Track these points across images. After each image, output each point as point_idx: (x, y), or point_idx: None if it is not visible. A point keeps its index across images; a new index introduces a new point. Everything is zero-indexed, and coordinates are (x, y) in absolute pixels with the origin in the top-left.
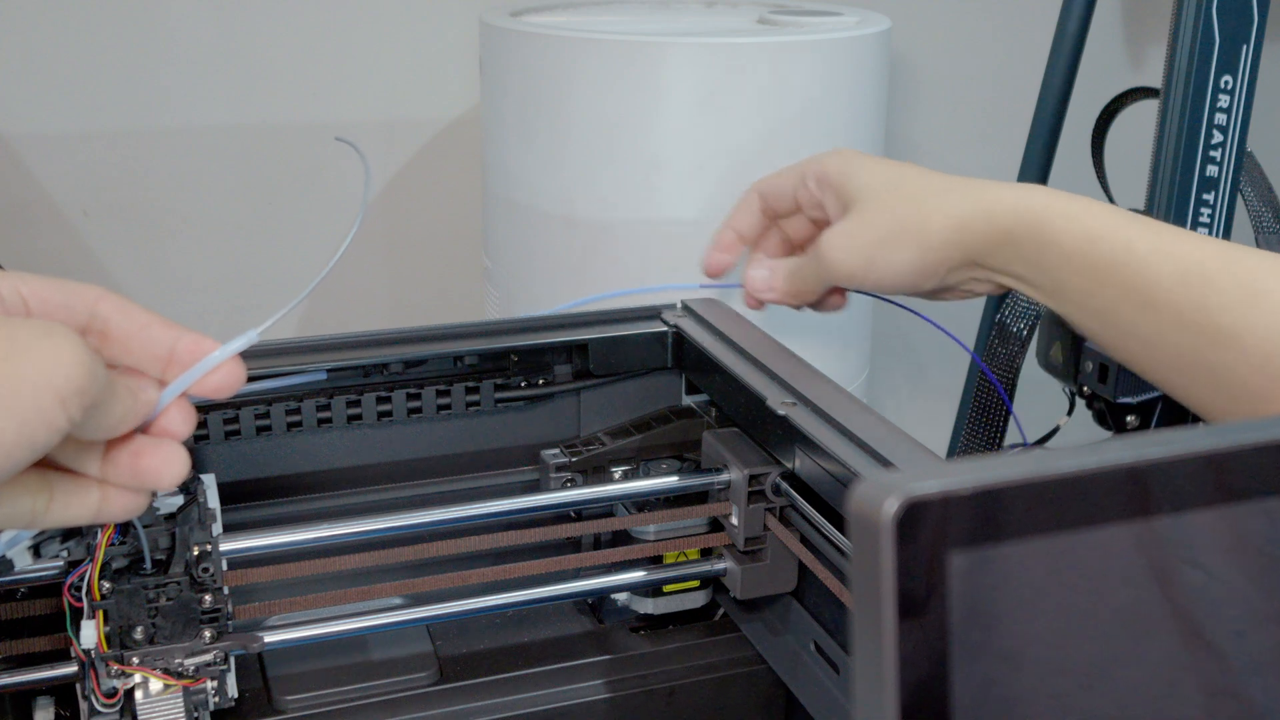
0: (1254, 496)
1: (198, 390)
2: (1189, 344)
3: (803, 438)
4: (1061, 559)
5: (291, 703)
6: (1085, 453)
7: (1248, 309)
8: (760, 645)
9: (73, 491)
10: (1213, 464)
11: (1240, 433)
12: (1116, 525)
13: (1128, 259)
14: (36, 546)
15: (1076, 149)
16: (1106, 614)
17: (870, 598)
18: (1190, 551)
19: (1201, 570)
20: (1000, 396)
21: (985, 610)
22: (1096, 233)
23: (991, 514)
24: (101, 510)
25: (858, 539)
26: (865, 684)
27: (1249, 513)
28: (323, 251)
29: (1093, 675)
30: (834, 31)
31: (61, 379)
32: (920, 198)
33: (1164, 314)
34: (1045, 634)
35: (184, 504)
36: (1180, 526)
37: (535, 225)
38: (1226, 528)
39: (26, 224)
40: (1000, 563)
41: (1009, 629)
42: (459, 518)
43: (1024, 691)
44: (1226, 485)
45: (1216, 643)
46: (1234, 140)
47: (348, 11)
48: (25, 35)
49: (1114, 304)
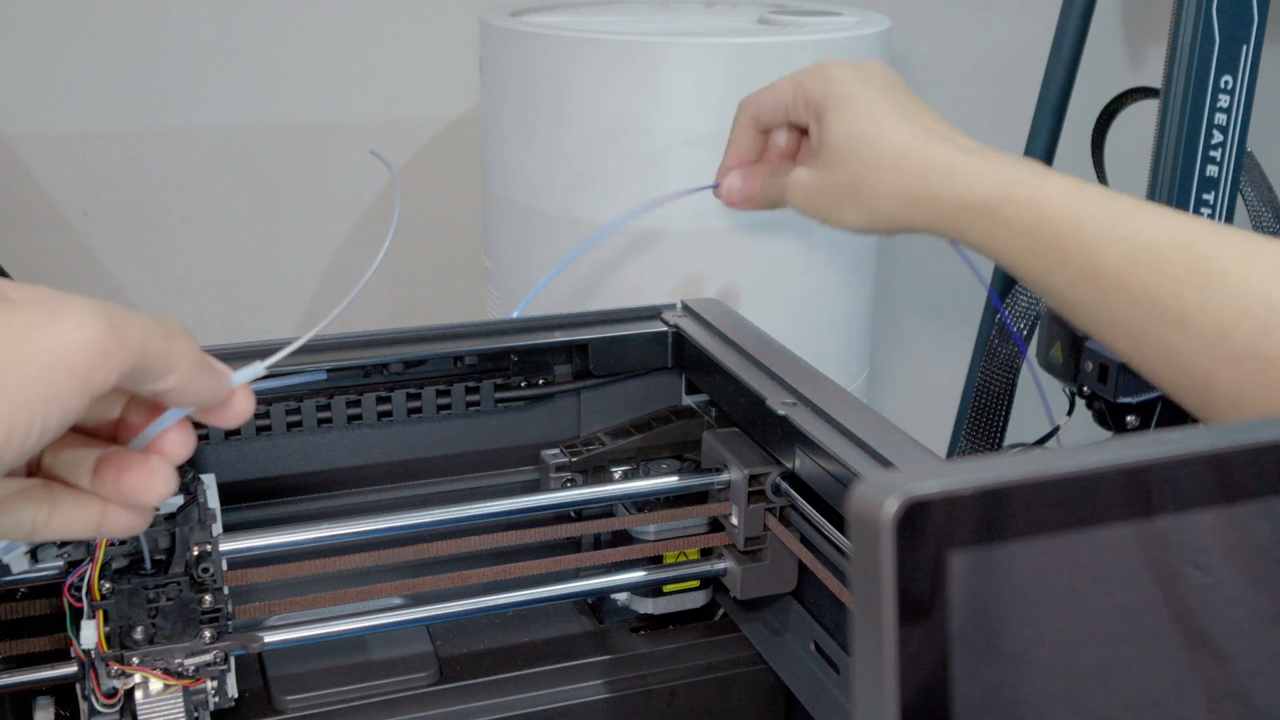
0: (1255, 497)
1: (217, 421)
2: (1139, 324)
3: (803, 438)
4: (1061, 559)
5: (291, 703)
6: (1085, 453)
7: (1196, 291)
8: (760, 645)
9: (74, 505)
10: (1213, 464)
11: (1241, 433)
12: (1117, 525)
13: (1076, 240)
14: (34, 551)
15: (1076, 149)
16: (1107, 614)
17: (870, 598)
18: (1191, 552)
19: (1202, 571)
20: (1015, 342)
21: (985, 610)
22: (1047, 215)
23: (992, 514)
24: (102, 525)
25: (858, 539)
26: (865, 684)
27: (1250, 513)
28: (323, 251)
29: (1094, 676)
30: (834, 31)
31: (71, 356)
32: (878, 166)
33: (1113, 295)
34: (1045, 634)
35: (184, 504)
36: (1181, 527)
37: (535, 225)
38: (1227, 528)
39: (26, 224)
40: (1000, 563)
41: (1009, 629)
42: (459, 518)
43: (1024, 691)
44: (1227, 485)
45: (1218, 644)
46: (1234, 140)
47: (348, 11)
48: (25, 35)
49: (1065, 285)
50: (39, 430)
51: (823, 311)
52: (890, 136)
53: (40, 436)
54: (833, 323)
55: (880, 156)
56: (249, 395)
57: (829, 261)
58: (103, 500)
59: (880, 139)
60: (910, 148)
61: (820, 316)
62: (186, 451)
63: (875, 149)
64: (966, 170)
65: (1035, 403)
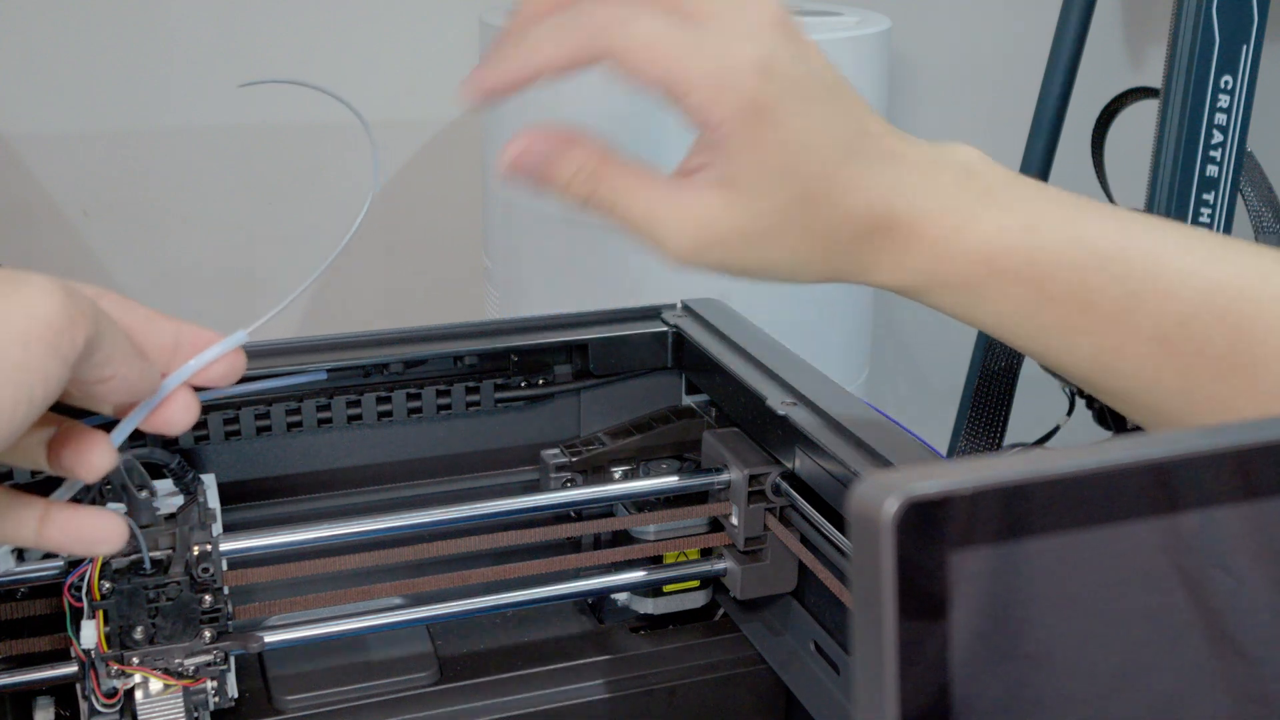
0: (1256, 497)
1: (202, 380)
2: (1076, 326)
3: (803, 438)
4: (1062, 559)
5: (291, 703)
6: (1085, 453)
7: (1138, 300)
8: (760, 645)
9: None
10: (1213, 464)
11: (1241, 433)
12: (1117, 525)
13: (999, 246)
14: (19, 550)
15: (1076, 149)
16: (1107, 614)
17: (870, 598)
18: (1191, 552)
19: (1204, 570)
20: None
21: (986, 610)
22: (959, 225)
23: (992, 514)
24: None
25: (858, 539)
26: (865, 684)
27: (1251, 513)
28: (323, 252)
29: (1094, 675)
30: (834, 31)
31: (42, 324)
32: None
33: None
34: (1045, 634)
35: (184, 504)
36: (1181, 527)
37: (535, 225)
38: (1229, 528)
39: (26, 224)
40: (1000, 563)
41: (1009, 629)
42: (459, 518)
43: (1024, 691)
44: (1227, 485)
45: (1220, 644)
46: (1234, 140)
47: (348, 11)
48: (25, 35)
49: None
50: (26, 403)
51: (823, 311)
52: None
53: (29, 409)
54: (833, 323)
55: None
56: (240, 356)
57: None
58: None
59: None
60: (837, 169)
61: (820, 316)
62: (192, 417)
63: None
64: (899, 180)
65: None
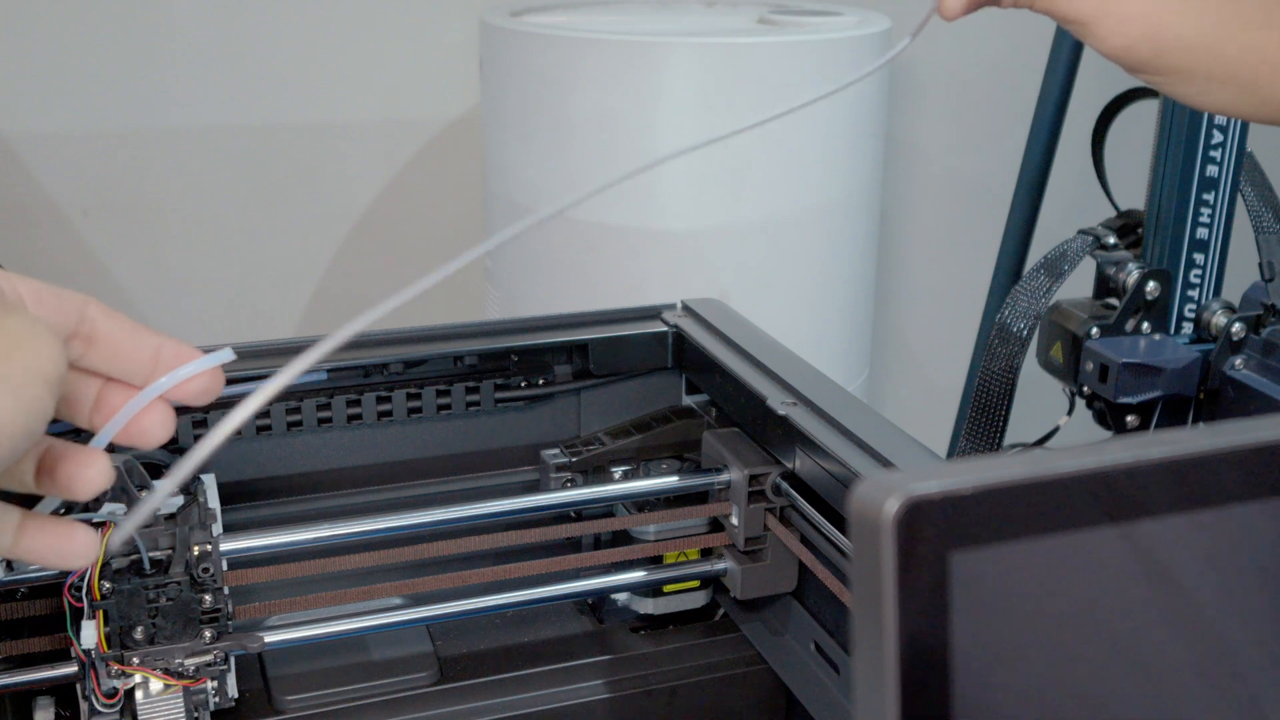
0: (1257, 497)
1: (179, 396)
2: None
3: (803, 438)
4: (1062, 559)
5: (291, 703)
6: (1086, 453)
7: None
8: (760, 645)
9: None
10: (1214, 464)
11: (1242, 433)
12: (1117, 525)
13: None
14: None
15: (1076, 149)
16: (1106, 614)
17: (870, 598)
18: (1191, 552)
19: (1202, 571)
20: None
21: (985, 610)
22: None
23: (992, 514)
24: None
25: (858, 539)
26: (865, 684)
27: (1252, 513)
28: (323, 252)
29: (1093, 675)
30: (834, 31)
31: (50, 368)
32: None
33: None
34: (1044, 633)
35: (184, 504)
36: (1181, 527)
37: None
38: (1228, 528)
39: (26, 224)
40: (1000, 563)
41: (1009, 629)
42: (459, 518)
43: (1024, 691)
44: (1228, 485)
45: (1219, 644)
46: (1234, 140)
47: (348, 11)
48: (25, 35)
49: None
50: (24, 438)
51: (823, 311)
52: None
53: (25, 444)
54: (833, 323)
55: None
56: (218, 375)
57: (829, 261)
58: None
59: None
60: None
61: (820, 316)
62: (166, 432)
63: None
64: None
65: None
